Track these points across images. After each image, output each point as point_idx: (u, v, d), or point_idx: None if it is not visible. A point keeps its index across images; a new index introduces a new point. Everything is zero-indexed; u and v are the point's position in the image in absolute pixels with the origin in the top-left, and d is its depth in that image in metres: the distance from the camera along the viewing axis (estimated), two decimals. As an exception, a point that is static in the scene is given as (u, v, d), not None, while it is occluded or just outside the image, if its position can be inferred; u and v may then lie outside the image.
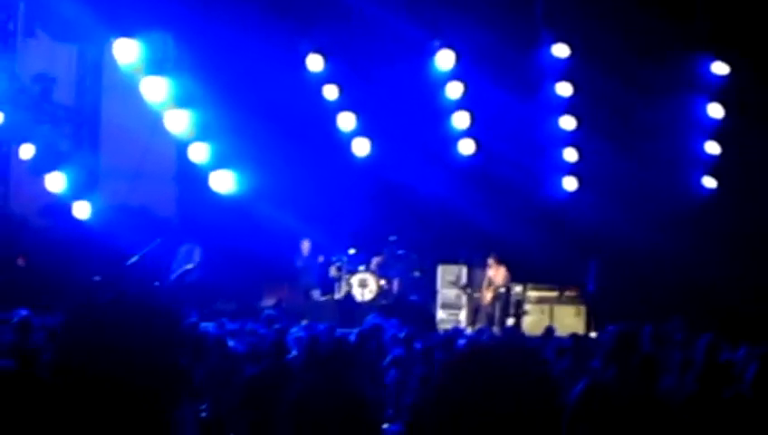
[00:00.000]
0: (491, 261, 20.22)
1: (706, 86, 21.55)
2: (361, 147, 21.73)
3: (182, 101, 19.12)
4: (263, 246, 19.42)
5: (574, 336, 12.94)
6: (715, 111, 21.78)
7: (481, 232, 20.80)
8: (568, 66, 21.45)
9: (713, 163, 21.90)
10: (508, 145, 21.07)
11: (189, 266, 19.04)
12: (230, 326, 13.21)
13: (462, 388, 2.42)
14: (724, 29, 20.47)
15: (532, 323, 19.82)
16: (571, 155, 22.14)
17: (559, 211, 21.53)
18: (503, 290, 20.05)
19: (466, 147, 22.07)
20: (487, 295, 20.21)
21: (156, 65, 19.04)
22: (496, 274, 20.19)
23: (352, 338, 11.70)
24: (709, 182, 22.00)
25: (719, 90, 21.51)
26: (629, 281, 19.78)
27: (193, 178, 20.19)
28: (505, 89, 20.51)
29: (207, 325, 12.89)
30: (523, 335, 16.51)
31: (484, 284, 20.29)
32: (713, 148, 21.89)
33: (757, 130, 20.07)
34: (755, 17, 19.85)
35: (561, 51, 21.39)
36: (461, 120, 21.87)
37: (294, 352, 10.43)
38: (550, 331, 15.53)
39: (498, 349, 2.58)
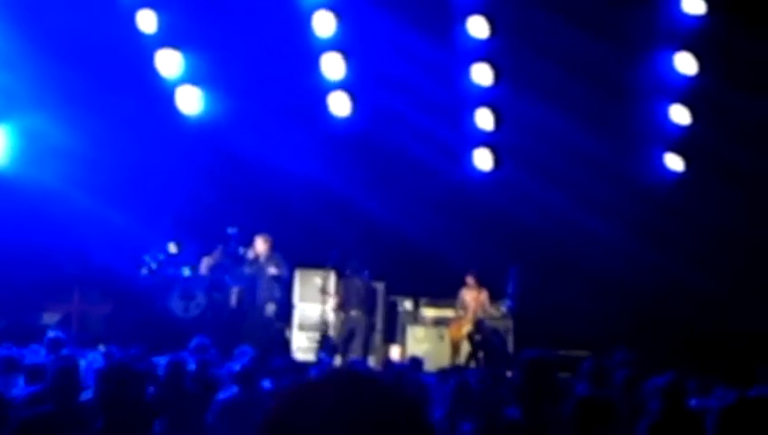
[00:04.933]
0: (470, 280, 20.03)
1: (678, 33, 21.23)
2: (191, 100, 21.32)
3: None
4: (45, 238, 19.52)
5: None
6: (687, 63, 21.38)
7: (359, 224, 20.76)
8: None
9: (680, 137, 21.64)
10: (398, 102, 21.04)
11: None
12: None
13: None
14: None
15: (426, 354, 19.15)
16: (486, 119, 21.72)
17: (469, 197, 21.36)
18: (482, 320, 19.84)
19: (340, 104, 21.70)
20: (462, 328, 19.83)
21: None
22: (477, 298, 19.93)
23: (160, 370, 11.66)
24: (674, 162, 21.71)
25: (693, 36, 21.18)
26: (564, 294, 19.88)
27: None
28: (395, 22, 20.48)
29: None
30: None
31: (458, 310, 20.04)
32: (681, 115, 21.52)
33: (742, 91, 19.83)
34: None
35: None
36: (332, 65, 21.47)
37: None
38: (416, 364, 14.96)
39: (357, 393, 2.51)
